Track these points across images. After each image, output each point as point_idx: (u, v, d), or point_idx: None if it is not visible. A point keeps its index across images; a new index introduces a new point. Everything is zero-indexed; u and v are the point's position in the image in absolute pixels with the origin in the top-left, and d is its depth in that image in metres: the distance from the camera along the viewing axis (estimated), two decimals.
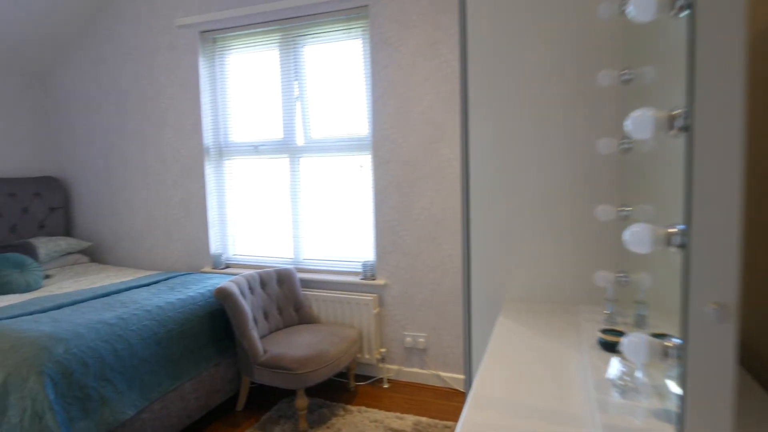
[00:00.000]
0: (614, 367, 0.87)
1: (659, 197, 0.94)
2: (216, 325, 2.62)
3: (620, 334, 1.04)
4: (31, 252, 3.18)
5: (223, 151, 3.40)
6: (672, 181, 0.85)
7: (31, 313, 2.30)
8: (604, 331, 1.06)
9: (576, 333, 1.21)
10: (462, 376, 2.86)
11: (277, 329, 2.84)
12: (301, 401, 2.43)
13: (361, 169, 3.03)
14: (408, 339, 2.94)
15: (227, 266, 3.44)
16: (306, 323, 2.96)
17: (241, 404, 2.68)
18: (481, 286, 1.54)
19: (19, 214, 3.58)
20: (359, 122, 3.00)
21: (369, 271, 2.99)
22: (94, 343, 2.02)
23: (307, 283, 3.15)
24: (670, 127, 0.66)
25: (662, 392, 0.81)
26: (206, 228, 3.43)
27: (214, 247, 3.46)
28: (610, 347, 1.01)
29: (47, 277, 3.22)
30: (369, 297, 2.93)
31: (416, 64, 2.76)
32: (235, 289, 2.56)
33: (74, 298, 2.53)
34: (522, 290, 1.48)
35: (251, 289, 2.79)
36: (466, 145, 1.51)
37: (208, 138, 3.39)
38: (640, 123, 0.66)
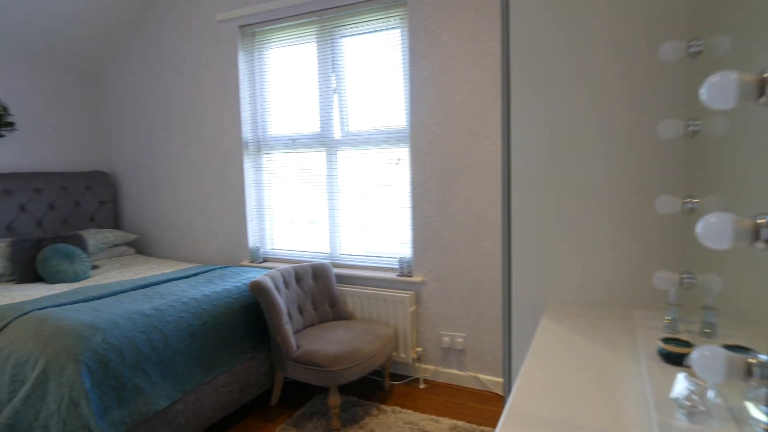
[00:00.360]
0: (680, 384, 0.74)
1: (734, 187, 0.79)
2: (251, 318, 2.61)
3: (685, 344, 0.90)
4: (80, 243, 3.30)
5: (262, 145, 3.40)
6: (754, 167, 0.71)
7: (74, 302, 2.36)
8: (666, 341, 0.92)
9: (630, 341, 1.07)
10: (502, 380, 2.72)
11: (312, 325, 2.80)
12: (334, 399, 2.38)
13: (398, 162, 2.93)
14: (445, 339, 2.83)
15: (265, 260, 3.44)
16: (341, 319, 2.90)
17: (275, 399, 2.66)
18: (523, 286, 1.41)
19: (71, 206, 3.73)
20: (397, 114, 2.91)
21: (405, 268, 2.90)
22: (130, 333, 2.04)
23: (343, 279, 3.09)
24: (760, 93, 0.52)
25: (740, 417, 0.67)
26: (245, 222, 3.45)
27: (252, 240, 3.47)
28: (674, 359, 0.87)
29: (95, 267, 3.33)
30: (405, 294, 2.84)
31: (457, 52, 2.63)
32: (269, 284, 2.53)
33: (116, 288, 2.59)
34: (568, 291, 1.35)
35: (286, 283, 2.77)
36: (507, 133, 1.39)
37: (247, 132, 3.40)
38: (720, 89, 0.54)
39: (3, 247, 3.00)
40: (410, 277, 2.88)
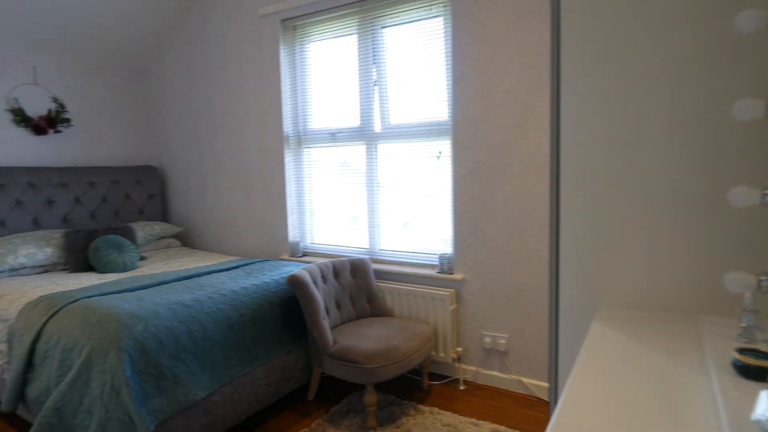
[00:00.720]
0: (763, 403, 0.62)
1: None
2: (288, 312, 2.60)
3: (764, 356, 0.77)
4: (129, 235, 3.41)
5: (302, 139, 3.39)
6: None
7: (120, 292, 2.43)
8: (742, 351, 0.79)
9: (697, 350, 0.94)
10: (547, 384, 2.57)
11: (349, 320, 2.76)
12: (370, 397, 2.33)
13: (439, 155, 2.84)
14: (487, 339, 2.72)
15: (304, 254, 3.44)
16: (378, 316, 2.85)
17: (312, 393, 2.64)
18: (572, 287, 1.30)
19: (122, 199, 3.87)
20: (438, 106, 2.81)
21: (446, 265, 2.80)
22: (170, 323, 2.07)
23: (381, 275, 3.04)
24: None
25: None
26: (285, 216, 3.46)
27: (292, 234, 3.48)
28: (752, 373, 0.75)
29: (142, 258, 3.44)
30: (445, 292, 2.75)
31: (503, 39, 2.51)
32: (307, 278, 2.51)
33: (159, 279, 2.64)
34: (623, 293, 1.22)
35: (324, 278, 2.74)
36: (557, 123, 1.28)
37: (287, 126, 3.40)
38: None
39: (58, 237, 3.15)
40: (451, 274, 2.79)
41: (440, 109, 2.81)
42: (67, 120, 3.61)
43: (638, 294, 1.20)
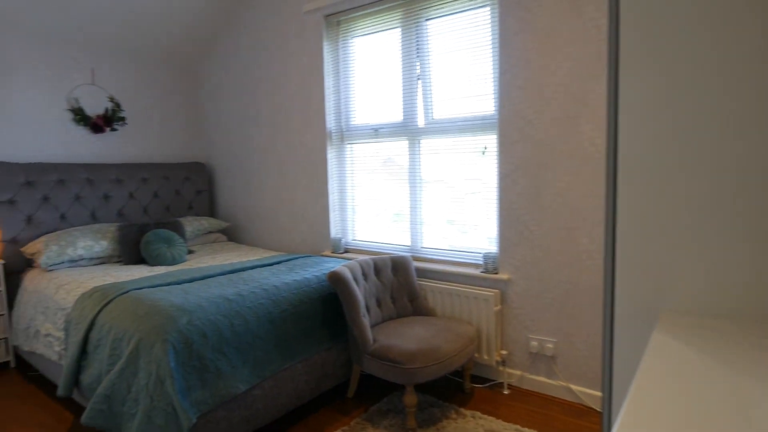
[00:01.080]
0: None
1: None
2: (329, 309, 2.59)
3: None
4: (178, 229, 3.52)
5: (345, 135, 3.38)
6: None
7: (168, 284, 2.50)
8: None
9: None
10: (599, 393, 2.43)
11: (390, 319, 2.72)
12: (410, 398, 2.27)
13: (485, 151, 2.74)
14: (534, 343, 2.60)
15: (346, 251, 3.43)
16: (420, 315, 2.79)
17: (351, 391, 2.62)
18: (630, 291, 1.19)
19: (172, 195, 4.00)
20: (484, 100, 2.71)
21: (491, 264, 2.70)
22: (213, 317, 2.09)
23: (424, 273, 2.97)
24: None
25: None
26: (327, 212, 3.45)
27: (334, 231, 3.47)
28: None
29: (190, 252, 3.54)
30: (489, 292, 2.65)
31: (553, 28, 2.38)
32: (347, 275, 2.48)
33: (205, 272, 2.70)
34: (689, 298, 1.11)
35: (365, 275, 2.71)
36: (614, 115, 1.17)
37: (330, 122, 3.39)
38: None
39: (113, 231, 3.29)
40: (495, 274, 2.69)
41: (486, 103, 2.71)
42: (123, 118, 3.77)
43: (706, 299, 1.08)
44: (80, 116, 3.53)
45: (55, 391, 2.72)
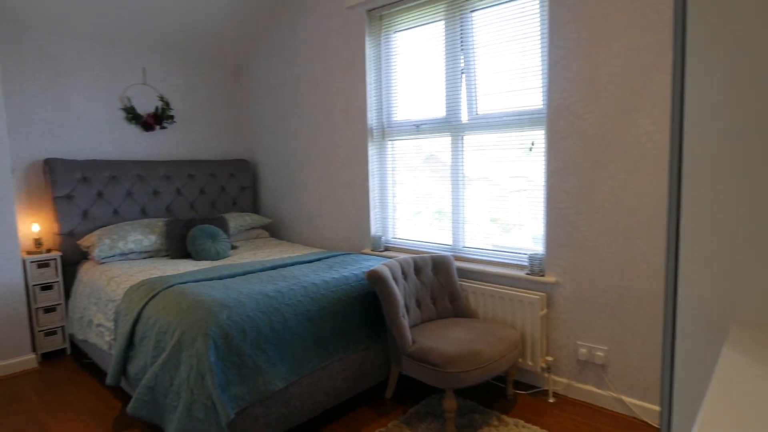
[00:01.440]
0: None
1: None
2: (368, 308, 2.55)
3: None
4: (223, 225, 3.59)
5: (386, 131, 3.33)
6: None
7: (210, 279, 2.54)
8: None
9: None
10: (654, 407, 2.27)
11: (430, 320, 2.65)
12: (450, 402, 2.20)
13: (532, 147, 2.62)
14: (582, 350, 2.46)
15: (386, 249, 3.38)
16: (461, 317, 2.70)
17: (389, 392, 2.58)
18: (695, 299, 1.07)
19: (218, 191, 4.10)
20: (532, 93, 2.59)
21: (537, 266, 2.58)
22: (252, 313, 2.10)
23: (465, 273, 2.88)
24: None
25: None
26: (368, 210, 3.42)
27: (375, 229, 3.44)
28: None
29: (234, 247, 3.60)
30: (535, 296, 2.53)
31: (608, 15, 2.23)
32: (387, 273, 2.43)
33: (246, 268, 2.73)
34: (764, 310, 0.98)
35: (405, 274, 2.65)
36: (679, 108, 1.06)
37: (371, 119, 3.36)
38: None
39: (161, 226, 3.39)
40: (542, 276, 2.56)
41: (533, 97, 2.58)
42: (171, 117, 3.88)
43: None
44: (132, 115, 3.66)
45: (105, 378, 2.83)
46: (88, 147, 3.51)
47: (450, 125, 2.94)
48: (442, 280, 2.76)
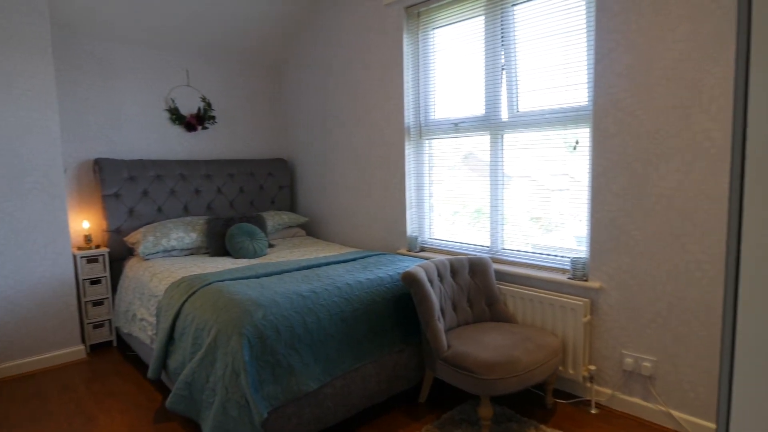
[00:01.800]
0: None
1: None
2: (402, 309, 2.51)
3: None
4: (261, 224, 3.63)
5: (423, 130, 3.27)
6: None
7: (247, 277, 2.56)
8: None
9: None
10: (708, 423, 2.11)
11: (466, 323, 2.58)
12: (485, 410, 2.13)
13: (576, 145, 2.50)
14: (628, 360, 2.33)
15: (422, 249, 3.33)
16: (499, 321, 2.62)
17: (423, 396, 2.53)
18: (758, 312, 0.97)
19: (256, 190, 4.16)
20: (576, 90, 2.47)
21: (580, 270, 2.46)
22: (287, 313, 2.10)
23: (503, 276, 2.79)
24: None
25: None
26: (404, 209, 3.38)
27: (411, 229, 3.39)
28: None
29: (271, 246, 3.64)
30: (578, 301, 2.41)
31: (663, 4, 2.09)
32: (422, 275, 2.38)
33: (282, 267, 2.74)
34: None
35: (440, 276, 2.59)
36: (743, 103, 0.96)
37: (409, 117, 3.31)
38: None
39: (202, 223, 3.47)
40: (585, 281, 2.44)
41: (578, 93, 2.46)
42: (213, 117, 3.97)
43: None
44: (176, 116, 3.77)
45: (147, 371, 2.93)
46: (134, 147, 3.64)
47: (489, 123, 2.85)
48: (479, 283, 2.68)
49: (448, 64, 3.08)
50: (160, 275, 2.82)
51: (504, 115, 2.78)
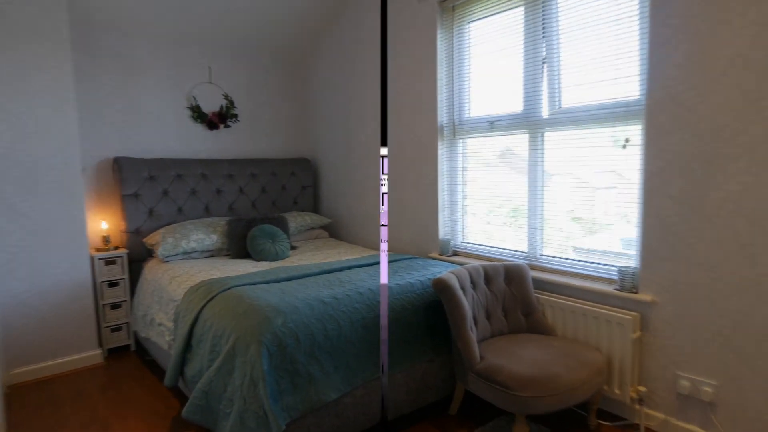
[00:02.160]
0: None
1: None
2: (432, 317, 2.35)
3: None
4: (283, 225, 3.51)
5: (457, 129, 3.09)
6: None
7: (267, 282, 2.43)
8: None
9: None
10: None
11: (501, 334, 2.39)
12: (521, 428, 1.94)
13: (626, 144, 2.28)
14: (684, 383, 2.10)
15: (455, 253, 3.15)
16: (536, 333, 2.42)
17: (454, 408, 2.35)
18: None
19: (279, 190, 4.04)
20: (627, 83, 2.26)
21: (629, 281, 2.24)
22: (307, 320, 1.96)
23: (542, 285, 2.59)
24: None
25: None
26: (436, 212, 3.20)
27: (443, 232, 3.21)
28: None
29: (293, 248, 3.51)
30: (627, 315, 2.20)
31: None
32: (454, 282, 2.21)
33: (303, 271, 2.60)
34: None
35: (474, 283, 2.41)
36: None
37: (442, 116, 3.13)
38: None
39: (223, 225, 3.36)
40: (635, 293, 2.22)
41: (627, 87, 2.25)
42: (235, 115, 3.87)
43: None
44: (197, 114, 3.68)
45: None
46: (155, 146, 3.55)
47: (528, 121, 2.65)
48: (515, 291, 2.49)
49: (484, 59, 2.90)
50: (179, 278, 2.71)
51: (545, 111, 2.58)
